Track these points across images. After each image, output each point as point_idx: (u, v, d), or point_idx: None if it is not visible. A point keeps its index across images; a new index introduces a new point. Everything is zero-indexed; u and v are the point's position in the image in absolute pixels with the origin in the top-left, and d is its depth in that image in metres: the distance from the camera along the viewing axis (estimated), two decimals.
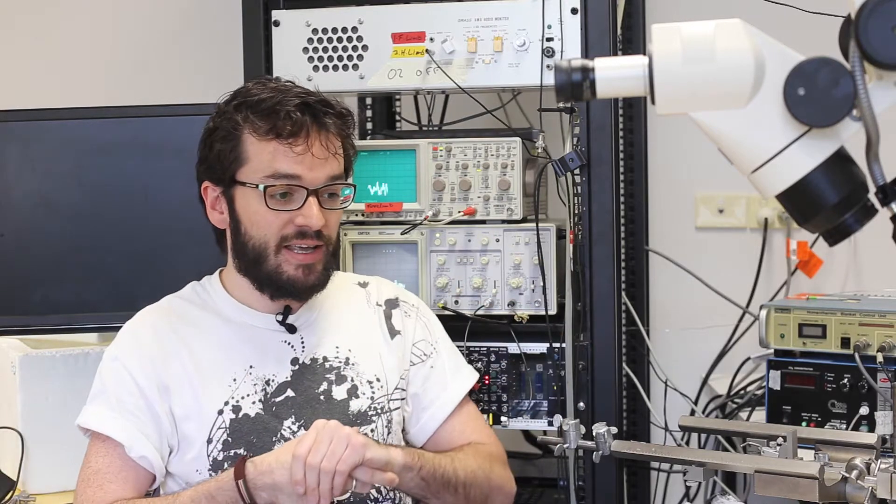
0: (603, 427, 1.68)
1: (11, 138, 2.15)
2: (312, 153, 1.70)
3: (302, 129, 1.69)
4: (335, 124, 1.74)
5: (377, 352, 1.84)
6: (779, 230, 2.86)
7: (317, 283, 1.75)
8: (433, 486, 1.71)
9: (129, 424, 1.69)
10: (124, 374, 1.73)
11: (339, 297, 1.88)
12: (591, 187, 2.12)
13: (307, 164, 1.70)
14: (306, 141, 1.69)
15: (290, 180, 1.70)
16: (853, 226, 1.22)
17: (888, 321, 2.01)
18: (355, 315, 1.87)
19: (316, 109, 1.72)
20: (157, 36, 3.09)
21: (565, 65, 1.25)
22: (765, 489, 1.50)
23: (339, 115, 1.75)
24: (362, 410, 1.78)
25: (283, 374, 1.77)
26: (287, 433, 1.73)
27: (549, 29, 2.13)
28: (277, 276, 1.73)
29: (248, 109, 1.72)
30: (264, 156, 1.70)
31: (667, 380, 2.78)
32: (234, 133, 1.72)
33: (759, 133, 1.21)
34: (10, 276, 2.15)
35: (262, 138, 1.70)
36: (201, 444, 1.71)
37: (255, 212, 1.72)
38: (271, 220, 1.71)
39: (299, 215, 1.70)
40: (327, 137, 1.72)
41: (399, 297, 1.92)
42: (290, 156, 1.69)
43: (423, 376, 1.86)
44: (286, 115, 1.69)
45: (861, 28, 1.12)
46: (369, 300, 1.90)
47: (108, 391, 1.74)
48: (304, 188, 1.70)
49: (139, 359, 1.74)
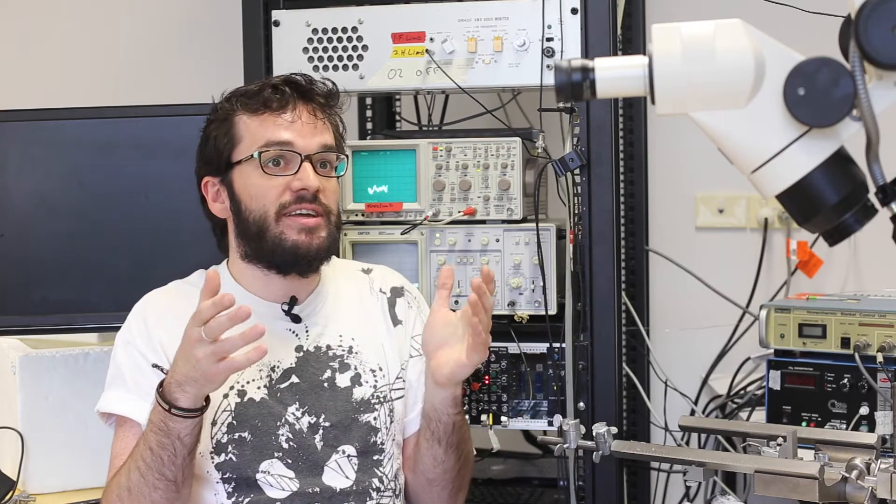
0: (603, 427, 1.68)
1: (11, 138, 2.15)
2: (302, 120, 1.78)
3: (289, 100, 1.78)
4: (321, 97, 1.82)
5: (380, 341, 1.86)
6: (779, 230, 2.86)
7: (321, 248, 1.77)
8: (456, 435, 1.78)
9: (146, 405, 1.69)
10: (137, 356, 1.76)
11: (343, 285, 1.90)
12: (591, 187, 2.12)
13: (297, 130, 1.77)
14: (294, 110, 1.78)
15: (283, 146, 1.76)
16: (853, 226, 1.22)
17: (888, 321, 2.01)
18: (358, 303, 1.89)
19: (300, 84, 1.81)
20: (157, 36, 3.10)
21: (565, 65, 1.25)
22: (765, 489, 1.50)
23: (322, 89, 1.83)
24: (365, 398, 1.80)
25: (288, 361, 1.79)
26: (291, 419, 1.75)
27: (549, 29, 2.13)
28: (281, 245, 1.75)
29: (238, 97, 1.82)
30: (256, 129, 1.77)
31: (667, 380, 2.78)
32: (227, 119, 1.80)
33: (758, 133, 1.21)
34: (10, 276, 2.15)
35: (252, 115, 1.78)
36: (206, 428, 1.72)
37: (252, 184, 1.76)
38: (268, 189, 1.75)
39: (295, 180, 1.75)
40: (314, 109, 1.80)
41: (405, 286, 1.95)
42: (281, 124, 1.77)
43: (418, 371, 1.87)
44: (272, 90, 1.79)
45: (861, 28, 1.12)
46: (372, 287, 1.92)
47: (124, 374, 1.76)
48: (298, 154, 1.76)
49: (148, 339, 1.77)
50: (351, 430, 1.77)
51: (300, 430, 1.75)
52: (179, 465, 1.62)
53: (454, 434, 1.78)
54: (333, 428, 1.76)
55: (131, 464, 1.65)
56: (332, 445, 1.76)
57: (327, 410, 1.77)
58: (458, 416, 1.78)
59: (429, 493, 1.85)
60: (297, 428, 1.74)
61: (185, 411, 1.59)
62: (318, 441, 1.75)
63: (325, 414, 1.76)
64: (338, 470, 1.75)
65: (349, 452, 1.76)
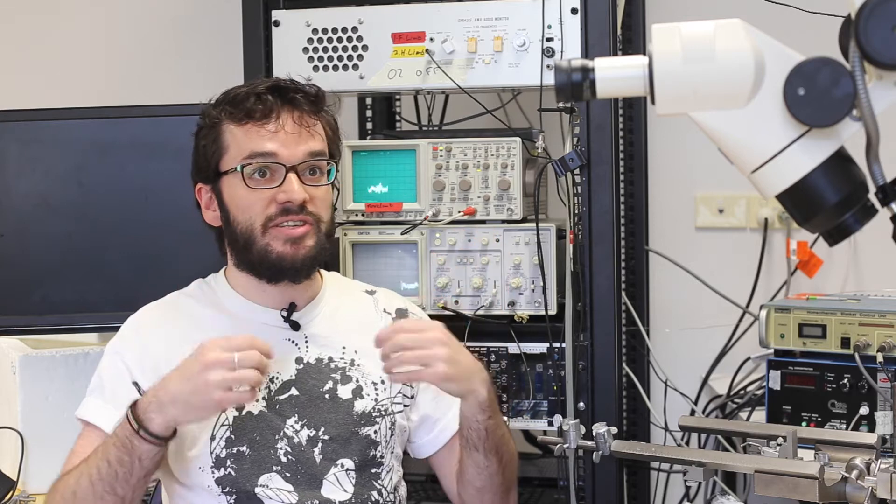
0: (603, 427, 1.68)
1: (11, 138, 2.15)
2: (286, 130, 1.74)
3: (273, 109, 1.75)
4: (307, 103, 1.78)
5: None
6: (779, 230, 2.86)
7: (307, 257, 1.75)
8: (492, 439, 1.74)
9: (118, 415, 1.68)
10: (121, 367, 1.75)
11: (346, 301, 1.88)
12: (591, 187, 2.12)
13: (281, 140, 1.74)
14: (278, 120, 1.75)
15: (267, 158, 1.73)
16: (853, 226, 1.22)
17: (888, 321, 2.01)
18: (362, 318, 1.87)
19: (285, 90, 1.77)
20: (157, 36, 3.09)
21: (565, 65, 1.25)
22: (765, 489, 1.50)
23: (308, 94, 1.79)
24: (367, 411, 1.78)
25: (288, 373, 1.77)
26: (290, 431, 1.73)
27: (549, 29, 2.13)
28: (267, 255, 1.74)
29: (225, 104, 1.78)
30: (241, 140, 1.75)
31: (667, 380, 2.78)
32: (215, 127, 1.78)
33: (758, 133, 1.21)
34: (10, 276, 2.16)
35: (237, 125, 1.76)
36: (204, 441, 1.71)
37: (239, 196, 1.75)
38: (254, 201, 1.73)
39: (280, 192, 1.73)
40: (300, 116, 1.76)
41: (409, 308, 1.93)
42: (264, 135, 1.74)
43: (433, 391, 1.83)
44: (256, 99, 1.75)
45: (861, 28, 1.12)
46: (377, 306, 1.90)
47: (104, 384, 1.76)
48: (282, 165, 1.73)
49: (139, 354, 1.75)
50: (350, 443, 1.75)
51: (299, 443, 1.72)
52: (132, 485, 1.60)
53: (489, 439, 1.74)
54: (333, 441, 1.74)
55: (84, 469, 1.63)
56: (330, 459, 1.74)
57: (327, 423, 1.74)
58: (490, 420, 1.73)
59: (482, 501, 1.81)
60: (295, 441, 1.72)
61: (152, 436, 1.57)
62: (317, 454, 1.73)
63: (324, 427, 1.74)
64: (336, 483, 1.73)
65: (347, 466, 1.74)
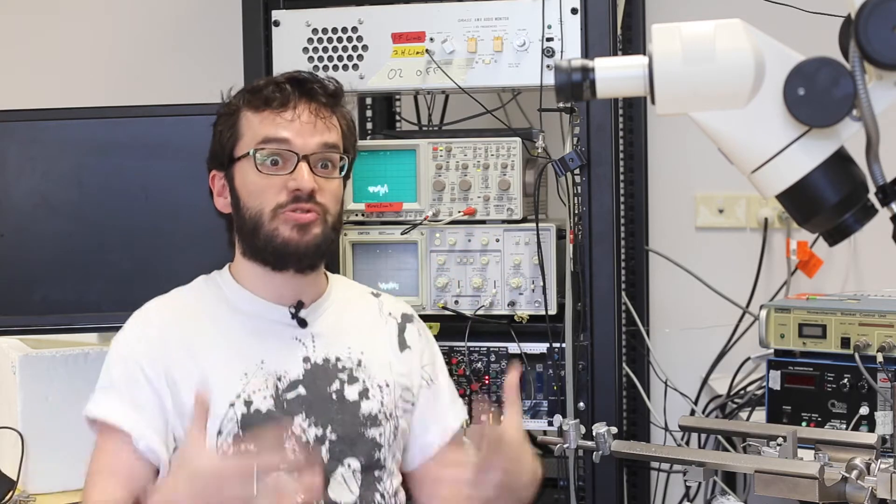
0: (603, 427, 1.68)
1: (11, 138, 2.15)
2: (301, 120, 1.76)
3: (290, 98, 1.76)
4: (324, 96, 1.79)
5: (387, 359, 1.83)
6: (779, 230, 2.86)
7: (312, 244, 1.74)
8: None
9: (136, 415, 1.68)
10: (132, 364, 1.73)
11: (352, 302, 1.88)
12: (591, 187, 2.12)
13: (296, 129, 1.75)
14: (295, 109, 1.76)
15: (280, 144, 1.74)
16: (853, 226, 1.22)
17: (888, 321, 2.01)
18: (367, 321, 1.87)
19: (304, 81, 1.80)
20: (157, 36, 3.10)
21: (565, 65, 1.25)
22: (765, 489, 1.50)
23: (326, 87, 1.80)
24: (373, 413, 1.77)
25: (295, 372, 1.76)
26: (297, 430, 1.72)
27: (549, 29, 2.13)
28: (273, 240, 1.74)
29: (245, 93, 1.81)
30: (256, 126, 1.76)
31: (667, 380, 2.78)
32: (233, 114, 1.80)
33: (758, 133, 1.21)
34: (10, 276, 2.15)
35: (255, 112, 1.77)
36: (211, 437, 1.70)
37: (250, 182, 1.76)
38: (264, 187, 1.74)
39: (291, 180, 1.73)
40: (317, 108, 1.78)
41: (413, 315, 1.93)
42: (280, 122, 1.75)
43: (426, 398, 1.86)
44: (275, 87, 1.77)
45: (861, 28, 1.12)
46: (382, 310, 1.90)
47: (116, 382, 1.73)
48: (295, 153, 1.74)
49: (147, 350, 1.74)
50: (357, 444, 1.75)
51: (306, 441, 1.72)
52: None
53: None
54: (340, 441, 1.74)
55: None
56: (337, 458, 1.73)
57: (334, 422, 1.74)
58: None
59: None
60: (303, 440, 1.72)
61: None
62: (325, 453, 1.73)
63: (331, 426, 1.74)
64: (343, 483, 1.73)
65: (354, 467, 1.74)
